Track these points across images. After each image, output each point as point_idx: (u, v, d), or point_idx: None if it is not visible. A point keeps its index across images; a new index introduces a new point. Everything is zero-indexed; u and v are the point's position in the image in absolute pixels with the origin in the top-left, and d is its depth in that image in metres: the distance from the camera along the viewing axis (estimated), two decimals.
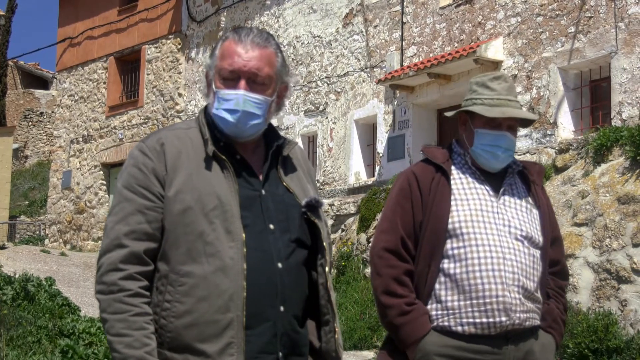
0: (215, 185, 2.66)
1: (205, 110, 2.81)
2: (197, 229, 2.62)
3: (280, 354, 2.67)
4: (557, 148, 12.50)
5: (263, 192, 2.74)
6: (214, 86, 2.74)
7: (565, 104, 13.76)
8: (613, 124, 12.37)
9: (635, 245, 10.47)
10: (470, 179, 3.56)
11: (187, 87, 22.07)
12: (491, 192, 3.53)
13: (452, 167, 3.58)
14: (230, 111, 2.70)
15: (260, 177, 2.77)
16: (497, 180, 3.58)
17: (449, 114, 3.74)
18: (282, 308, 2.67)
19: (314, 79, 18.53)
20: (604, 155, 11.40)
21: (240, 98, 2.70)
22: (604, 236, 10.77)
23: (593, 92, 13.82)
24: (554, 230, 3.65)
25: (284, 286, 2.68)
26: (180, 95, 22.13)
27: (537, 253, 3.51)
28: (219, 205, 2.64)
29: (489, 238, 3.43)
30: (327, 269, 2.78)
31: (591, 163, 11.52)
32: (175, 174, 2.66)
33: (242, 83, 2.71)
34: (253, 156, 2.79)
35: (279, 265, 2.68)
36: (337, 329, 2.78)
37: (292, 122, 18.81)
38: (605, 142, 11.36)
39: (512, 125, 3.59)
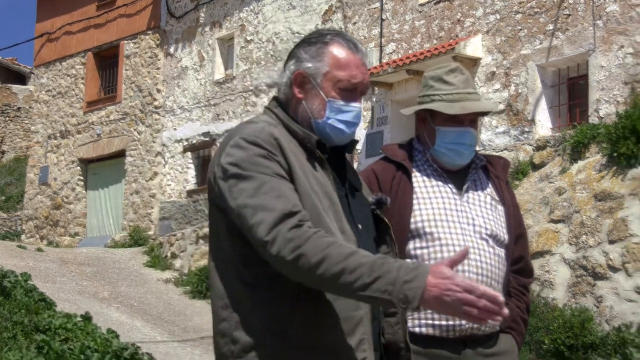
0: (324, 184, 2.61)
1: (280, 107, 2.72)
2: (324, 227, 2.51)
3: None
4: (534, 145, 12.53)
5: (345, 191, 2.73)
6: (322, 93, 2.66)
7: (543, 101, 13.80)
8: (590, 121, 12.42)
9: (611, 242, 10.52)
10: (432, 177, 3.46)
11: (165, 83, 21.98)
12: (454, 190, 3.44)
13: (413, 165, 3.48)
14: (348, 124, 2.69)
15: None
16: (460, 177, 3.48)
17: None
18: None
19: None
20: (581, 153, 11.45)
21: (358, 112, 2.70)
22: (581, 233, 10.82)
23: (571, 90, 13.88)
24: (518, 227, 3.55)
25: None
26: (158, 91, 22.03)
27: (502, 252, 3.42)
28: (332, 205, 2.59)
29: (453, 238, 3.33)
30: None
31: (568, 160, 11.56)
32: (292, 170, 2.55)
33: (359, 97, 2.72)
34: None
35: None
36: (405, 320, 2.81)
37: None
38: (582, 140, 11.40)
39: (474, 119, 3.49)
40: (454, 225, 3.36)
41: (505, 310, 2.29)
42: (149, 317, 12.99)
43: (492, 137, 14.14)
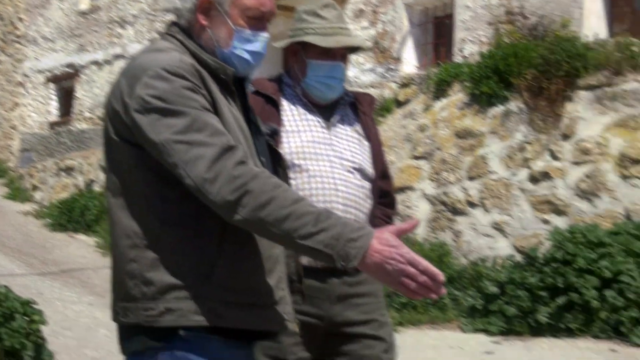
0: (237, 118, 2.49)
1: (185, 36, 2.55)
2: None
3: None
4: (399, 83, 12.68)
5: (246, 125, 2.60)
6: (230, 22, 2.51)
7: (410, 40, 13.94)
8: (455, 60, 12.62)
9: (470, 179, 10.79)
10: (301, 111, 3.50)
11: (28, 12, 21.20)
12: (323, 124, 3.49)
13: (282, 99, 3.51)
14: (255, 54, 2.56)
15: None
16: (328, 111, 3.53)
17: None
18: None
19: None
20: (444, 91, 11.64)
21: (265, 42, 2.57)
22: (441, 169, 11.06)
23: (437, 29, 14.04)
24: (383, 163, 3.64)
25: None
26: (20, 19, 21.24)
27: (368, 185, 3.49)
28: (245, 140, 2.48)
29: (322, 170, 3.39)
30: None
31: (432, 98, 11.74)
32: (216, 103, 2.42)
33: (267, 26, 2.59)
34: None
35: None
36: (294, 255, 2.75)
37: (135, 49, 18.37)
38: (446, 78, 11.59)
39: (344, 54, 3.55)
40: (322, 158, 3.41)
41: (443, 290, 2.25)
42: (7, 249, 12.67)
43: (358, 74, 14.21)
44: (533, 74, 10.38)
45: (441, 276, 2.23)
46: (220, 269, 2.37)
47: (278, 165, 2.66)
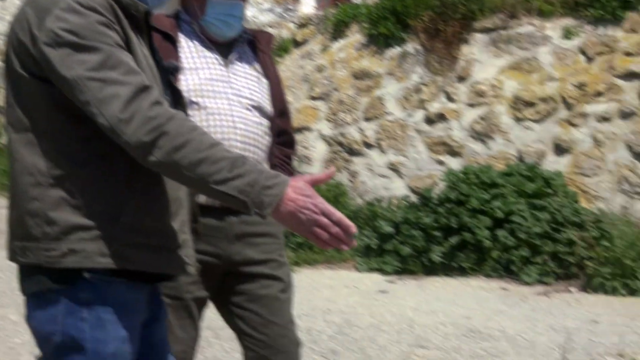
0: (147, 56, 2.39)
1: None
2: None
3: None
4: (297, 23, 12.59)
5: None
6: None
7: None
8: (353, 1, 12.58)
9: (367, 120, 10.84)
10: (199, 48, 3.44)
11: None
12: (221, 61, 3.44)
13: (180, 36, 3.44)
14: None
15: None
16: (226, 49, 3.48)
17: None
18: None
19: None
20: (342, 32, 11.60)
21: None
22: (338, 110, 11.07)
23: None
24: (282, 101, 3.61)
25: None
26: None
27: (266, 123, 3.48)
28: (154, 79, 2.39)
29: (220, 107, 3.35)
30: None
31: (329, 39, 11.70)
32: (130, 41, 2.31)
33: None
34: None
35: None
36: (195, 193, 2.70)
37: None
38: (344, 19, 11.55)
39: None
40: (220, 96, 3.37)
41: (354, 242, 2.23)
42: None
43: (256, 13, 14.06)
44: (430, 15, 10.43)
45: (353, 228, 2.22)
46: (129, 211, 2.30)
47: (178, 103, 2.58)
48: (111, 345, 2.29)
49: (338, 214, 2.21)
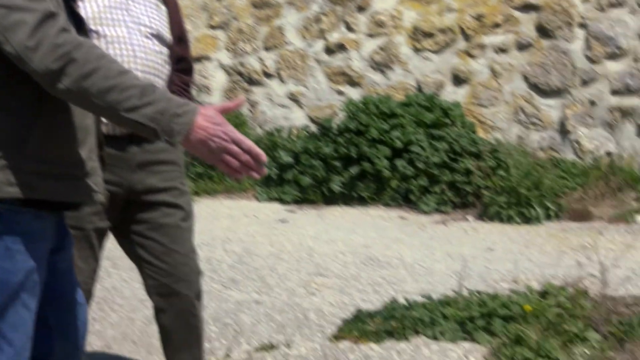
0: None
1: None
2: None
3: None
4: None
5: None
6: None
7: None
8: None
9: (267, 49, 10.75)
10: None
11: None
12: None
13: None
14: None
15: None
16: None
17: None
18: None
19: None
20: None
21: None
22: (238, 39, 10.94)
23: None
24: (180, 27, 3.57)
25: None
26: None
27: (165, 51, 3.42)
28: (58, 6, 2.27)
29: (119, 35, 3.27)
30: None
31: None
32: None
33: None
34: None
35: None
36: (100, 121, 2.61)
37: None
38: None
39: None
40: (119, 24, 3.29)
41: (265, 170, 2.21)
42: None
43: None
44: None
45: (264, 156, 2.22)
46: (35, 139, 2.24)
47: (80, 30, 2.50)
48: (20, 275, 2.25)
49: (248, 142, 2.20)
